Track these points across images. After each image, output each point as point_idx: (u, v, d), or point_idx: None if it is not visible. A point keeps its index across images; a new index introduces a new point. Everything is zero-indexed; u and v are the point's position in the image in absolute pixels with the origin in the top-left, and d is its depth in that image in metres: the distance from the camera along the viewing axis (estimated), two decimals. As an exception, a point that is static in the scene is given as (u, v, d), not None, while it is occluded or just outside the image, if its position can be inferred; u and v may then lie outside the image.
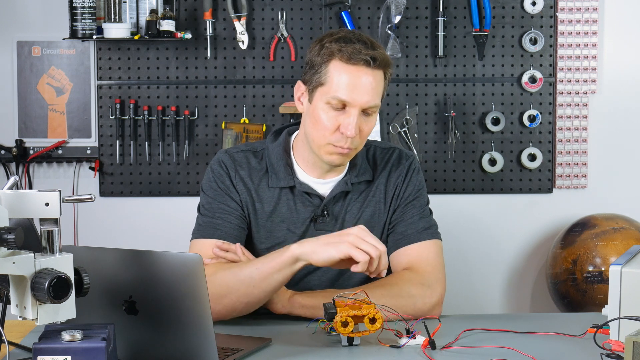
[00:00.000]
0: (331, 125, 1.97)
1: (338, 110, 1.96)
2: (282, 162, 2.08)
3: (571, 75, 3.47)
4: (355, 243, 1.80)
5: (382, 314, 1.74)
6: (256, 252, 2.04)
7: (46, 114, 3.44)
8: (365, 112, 1.98)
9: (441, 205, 3.37)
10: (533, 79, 3.44)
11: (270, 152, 2.11)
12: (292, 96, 2.17)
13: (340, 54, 1.95)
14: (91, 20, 3.32)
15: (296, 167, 2.09)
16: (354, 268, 1.80)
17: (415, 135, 3.44)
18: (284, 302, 1.97)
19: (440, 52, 3.41)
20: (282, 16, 3.41)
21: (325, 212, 2.07)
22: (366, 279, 2.05)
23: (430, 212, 2.16)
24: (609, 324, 1.64)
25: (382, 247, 1.80)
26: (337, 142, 1.97)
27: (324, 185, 2.09)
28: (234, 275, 1.90)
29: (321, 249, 1.82)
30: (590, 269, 3.20)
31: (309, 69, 2.01)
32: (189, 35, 3.34)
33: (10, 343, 1.61)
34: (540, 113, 3.45)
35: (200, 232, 2.07)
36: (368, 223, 2.07)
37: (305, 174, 2.09)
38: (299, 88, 2.05)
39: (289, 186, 2.08)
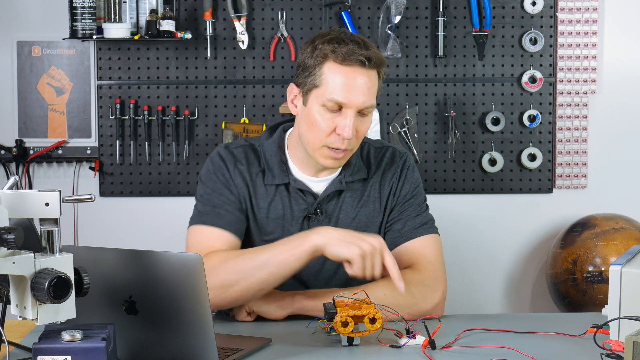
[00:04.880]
0: (327, 128, 1.95)
1: (334, 112, 1.95)
2: (277, 159, 2.08)
3: (571, 75, 3.47)
4: (365, 255, 1.81)
5: (382, 313, 1.74)
6: (254, 245, 2.03)
7: (46, 114, 3.44)
8: (360, 112, 1.96)
9: (441, 205, 3.39)
10: (533, 79, 3.44)
11: (266, 149, 2.10)
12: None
13: (334, 55, 1.93)
14: (91, 20, 3.32)
15: (290, 164, 2.08)
16: (347, 269, 1.84)
17: (415, 135, 3.44)
18: (290, 299, 1.96)
19: (440, 52, 3.41)
20: (282, 16, 3.41)
21: (318, 210, 2.06)
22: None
23: (427, 207, 2.15)
24: (609, 324, 1.64)
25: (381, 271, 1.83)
26: (333, 144, 1.96)
27: (318, 184, 2.08)
28: (251, 261, 1.88)
29: (335, 244, 1.83)
30: (590, 269, 3.20)
31: (301, 71, 2.00)
32: (189, 35, 3.34)
33: (10, 343, 1.61)
34: (540, 113, 3.45)
35: (202, 218, 2.04)
36: (364, 223, 2.07)
37: (299, 172, 2.08)
38: (292, 90, 2.04)
39: (284, 183, 2.07)
